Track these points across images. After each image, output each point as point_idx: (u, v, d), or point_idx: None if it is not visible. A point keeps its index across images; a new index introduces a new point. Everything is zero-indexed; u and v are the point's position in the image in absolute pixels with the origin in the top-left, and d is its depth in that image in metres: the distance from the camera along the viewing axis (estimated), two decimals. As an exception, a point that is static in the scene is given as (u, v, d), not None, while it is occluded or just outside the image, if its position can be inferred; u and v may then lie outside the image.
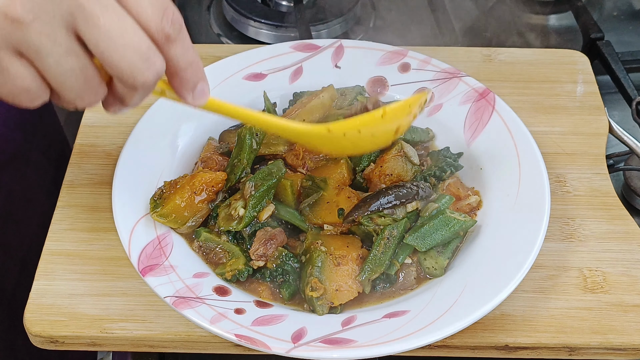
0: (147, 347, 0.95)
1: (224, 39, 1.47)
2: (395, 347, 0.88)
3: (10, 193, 1.37)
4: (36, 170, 1.44)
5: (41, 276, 0.99)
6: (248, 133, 1.04)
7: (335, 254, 0.96)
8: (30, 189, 1.43)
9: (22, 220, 1.42)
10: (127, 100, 0.77)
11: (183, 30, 0.75)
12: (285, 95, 1.18)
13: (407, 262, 0.99)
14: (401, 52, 1.21)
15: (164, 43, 0.74)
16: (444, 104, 1.16)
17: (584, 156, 1.15)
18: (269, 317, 0.93)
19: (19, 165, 1.39)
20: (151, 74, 0.73)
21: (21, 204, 1.41)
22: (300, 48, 1.22)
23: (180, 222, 1.00)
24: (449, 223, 0.99)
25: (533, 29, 1.48)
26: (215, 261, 0.99)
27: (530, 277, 0.98)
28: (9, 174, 1.36)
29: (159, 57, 0.73)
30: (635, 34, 1.52)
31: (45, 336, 0.94)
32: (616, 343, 0.94)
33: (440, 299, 0.94)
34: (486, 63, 1.28)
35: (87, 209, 1.07)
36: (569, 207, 1.09)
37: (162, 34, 0.73)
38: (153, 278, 0.94)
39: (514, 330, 0.95)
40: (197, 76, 0.79)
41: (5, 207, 1.37)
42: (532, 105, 1.22)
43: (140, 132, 1.10)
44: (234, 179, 1.02)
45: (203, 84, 0.80)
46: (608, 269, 1.02)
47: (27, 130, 1.41)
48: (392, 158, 1.06)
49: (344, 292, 0.95)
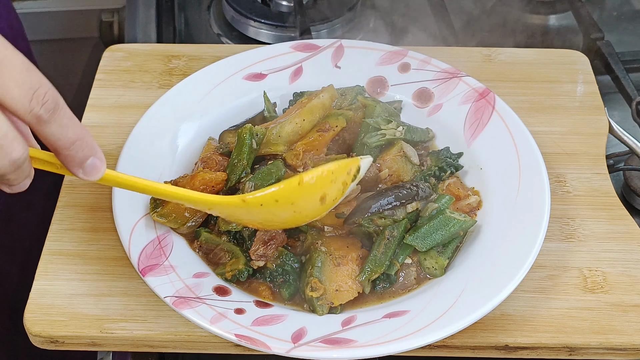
0: (147, 347, 0.95)
1: (224, 39, 1.47)
2: (395, 347, 0.88)
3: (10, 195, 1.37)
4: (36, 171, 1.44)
5: (41, 276, 0.99)
6: (248, 133, 1.04)
7: (335, 254, 0.96)
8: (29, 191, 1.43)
9: (22, 222, 1.42)
10: (4, 183, 0.76)
11: (59, 110, 0.73)
12: (285, 95, 1.18)
13: (407, 262, 0.99)
14: (401, 52, 1.21)
15: (36, 125, 0.72)
16: (444, 104, 1.16)
17: (584, 156, 1.15)
18: (269, 317, 0.93)
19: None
20: (6, 161, 0.71)
21: (21, 205, 1.41)
22: (300, 48, 1.22)
23: (180, 222, 1.00)
24: (448, 223, 0.99)
25: (533, 29, 1.48)
26: (215, 261, 0.99)
27: (530, 277, 0.98)
28: None
29: (19, 143, 0.72)
30: (635, 34, 1.52)
31: (45, 336, 0.94)
32: (616, 343, 0.94)
33: (440, 299, 0.94)
34: (486, 63, 1.28)
35: (87, 209, 1.07)
36: (569, 207, 1.09)
37: (31, 116, 0.71)
38: (153, 278, 0.94)
39: (514, 330, 0.95)
40: (84, 152, 0.76)
41: (6, 209, 1.37)
42: (532, 105, 1.22)
43: (140, 132, 1.10)
44: (234, 179, 1.02)
45: (94, 160, 0.78)
46: (608, 269, 1.01)
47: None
48: (392, 158, 1.06)
49: (344, 292, 0.95)
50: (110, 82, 1.24)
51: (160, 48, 1.31)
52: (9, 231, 1.39)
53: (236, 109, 1.16)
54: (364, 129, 1.09)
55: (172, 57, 1.28)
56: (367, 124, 1.09)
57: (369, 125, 1.08)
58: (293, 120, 1.07)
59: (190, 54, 1.29)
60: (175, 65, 1.27)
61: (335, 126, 1.08)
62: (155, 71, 1.26)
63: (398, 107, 1.17)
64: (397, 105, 1.17)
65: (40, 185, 1.46)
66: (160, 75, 1.25)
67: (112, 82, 1.24)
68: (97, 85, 1.23)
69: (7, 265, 1.40)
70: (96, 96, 1.22)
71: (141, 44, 1.35)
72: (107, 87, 1.23)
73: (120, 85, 1.23)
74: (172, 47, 1.31)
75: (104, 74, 1.25)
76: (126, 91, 1.23)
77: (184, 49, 1.30)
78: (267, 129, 1.06)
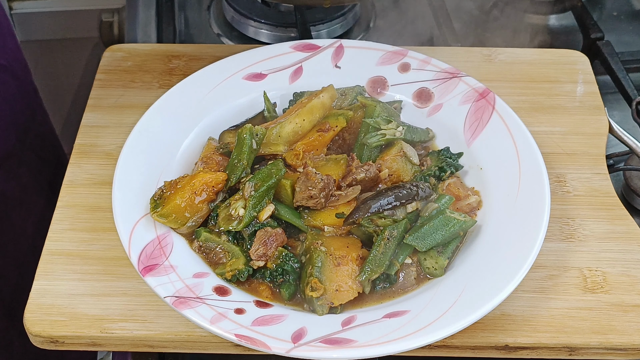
0: (147, 347, 0.95)
1: (224, 39, 1.47)
2: (395, 347, 0.88)
3: (4, 194, 1.37)
4: (30, 170, 1.44)
5: (41, 276, 0.99)
6: (248, 133, 1.04)
7: (335, 254, 0.96)
8: (24, 190, 1.43)
9: (18, 222, 1.42)
10: None
11: None
12: (285, 95, 1.18)
13: (407, 262, 0.99)
14: (401, 52, 1.21)
15: None
16: (444, 104, 1.16)
17: (584, 156, 1.15)
18: (269, 317, 0.93)
19: (13, 165, 1.39)
20: None
21: (16, 205, 1.41)
22: (300, 48, 1.22)
23: (180, 222, 1.00)
24: (448, 223, 0.99)
25: (533, 29, 1.48)
26: (215, 261, 0.99)
27: (530, 277, 0.98)
28: (3, 175, 1.36)
29: None
30: (635, 34, 1.52)
31: (45, 336, 0.94)
32: (616, 343, 0.94)
33: (440, 299, 0.94)
34: (486, 63, 1.28)
35: (87, 209, 1.07)
36: (569, 207, 1.09)
37: None
38: (153, 278, 0.94)
39: (514, 330, 0.95)
40: None
41: (1, 209, 1.37)
42: (532, 105, 1.22)
43: (140, 132, 1.10)
44: (234, 179, 1.02)
45: None
46: (608, 269, 1.02)
47: (19, 129, 1.41)
48: (392, 158, 1.06)
49: (344, 292, 0.95)
50: (110, 82, 1.24)
51: (160, 48, 1.31)
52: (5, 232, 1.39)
53: (236, 109, 1.16)
54: (364, 129, 1.09)
55: (172, 57, 1.28)
56: (367, 124, 1.09)
57: (369, 125, 1.08)
58: (293, 120, 1.07)
59: (190, 54, 1.29)
60: (175, 65, 1.27)
61: (335, 126, 1.08)
62: (155, 71, 1.26)
63: (398, 107, 1.17)
64: (397, 105, 1.17)
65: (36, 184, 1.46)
66: (160, 75, 1.25)
67: (112, 82, 1.24)
68: (97, 85, 1.23)
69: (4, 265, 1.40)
70: (96, 96, 1.22)
71: (141, 44, 1.35)
72: (107, 87, 1.23)
73: (120, 85, 1.23)
74: (172, 47, 1.31)
75: (104, 74, 1.25)
76: (126, 91, 1.23)
77: (184, 49, 1.30)
78: (267, 129, 1.06)
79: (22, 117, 1.42)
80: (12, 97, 1.40)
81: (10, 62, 1.41)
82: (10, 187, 1.39)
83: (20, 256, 1.42)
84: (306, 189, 1.00)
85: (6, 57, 1.39)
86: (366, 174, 1.03)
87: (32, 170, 1.45)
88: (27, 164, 1.44)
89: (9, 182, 1.39)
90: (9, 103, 1.38)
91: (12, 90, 1.40)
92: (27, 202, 1.44)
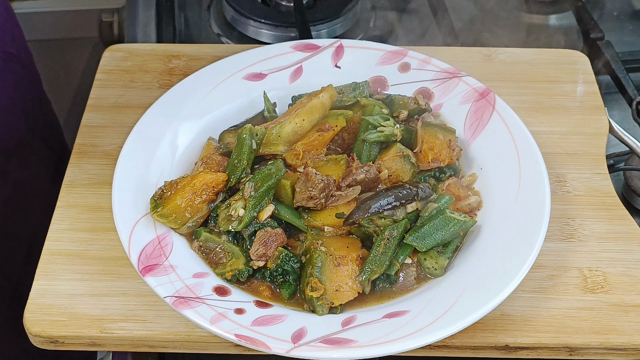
0: (147, 347, 0.95)
1: (224, 39, 1.47)
2: (395, 347, 0.88)
3: (16, 181, 1.38)
4: (39, 158, 1.45)
5: (41, 276, 0.99)
6: (248, 133, 1.04)
7: (335, 254, 0.96)
8: (35, 178, 1.44)
9: (28, 208, 1.43)
10: None
11: None
12: (285, 96, 1.18)
13: (407, 262, 0.99)
14: (401, 52, 1.21)
15: None
16: (444, 104, 1.16)
17: (584, 156, 1.15)
18: (269, 317, 0.93)
19: (24, 153, 1.40)
20: None
21: (27, 192, 1.42)
22: (300, 48, 1.22)
23: (180, 222, 1.00)
24: (449, 223, 0.99)
25: (533, 29, 1.48)
26: (215, 261, 0.99)
27: (530, 277, 0.98)
28: (15, 163, 1.37)
29: None
30: (635, 34, 1.52)
31: (45, 336, 0.94)
32: (616, 343, 0.94)
33: (440, 299, 0.94)
34: (486, 63, 1.28)
35: (87, 209, 1.07)
36: (569, 207, 1.09)
37: None
38: (153, 278, 0.94)
39: (514, 330, 0.95)
40: None
41: (13, 196, 1.37)
42: (532, 105, 1.22)
43: (140, 132, 1.10)
44: (234, 179, 1.02)
45: None
46: (608, 269, 1.01)
47: (29, 118, 1.41)
48: (391, 158, 1.06)
49: (344, 292, 0.95)
50: (110, 82, 1.24)
51: (160, 48, 1.31)
52: (16, 219, 1.40)
53: (236, 109, 1.16)
54: (363, 127, 1.09)
55: (172, 57, 1.28)
56: (366, 121, 1.09)
57: (368, 122, 1.08)
58: (293, 120, 1.07)
59: (190, 54, 1.29)
60: (175, 65, 1.27)
61: (335, 126, 1.08)
62: (155, 71, 1.26)
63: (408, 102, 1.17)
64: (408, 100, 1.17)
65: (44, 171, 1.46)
66: (160, 75, 1.25)
67: (112, 82, 1.24)
68: (97, 85, 1.23)
69: (12, 252, 1.41)
70: (96, 96, 1.22)
71: (141, 44, 1.35)
72: (107, 87, 1.23)
73: (120, 85, 1.23)
74: (172, 47, 1.31)
75: (104, 74, 1.25)
76: (126, 91, 1.23)
77: (184, 49, 1.30)
78: (267, 129, 1.06)
79: (31, 106, 1.42)
80: (23, 86, 1.40)
81: (19, 51, 1.41)
82: (22, 175, 1.39)
83: (30, 243, 1.43)
84: (306, 190, 1.00)
85: (16, 47, 1.39)
86: (366, 175, 1.03)
87: (41, 158, 1.46)
88: (36, 152, 1.44)
89: (23, 171, 1.39)
90: (20, 91, 1.39)
91: (23, 79, 1.40)
92: (37, 189, 1.44)
